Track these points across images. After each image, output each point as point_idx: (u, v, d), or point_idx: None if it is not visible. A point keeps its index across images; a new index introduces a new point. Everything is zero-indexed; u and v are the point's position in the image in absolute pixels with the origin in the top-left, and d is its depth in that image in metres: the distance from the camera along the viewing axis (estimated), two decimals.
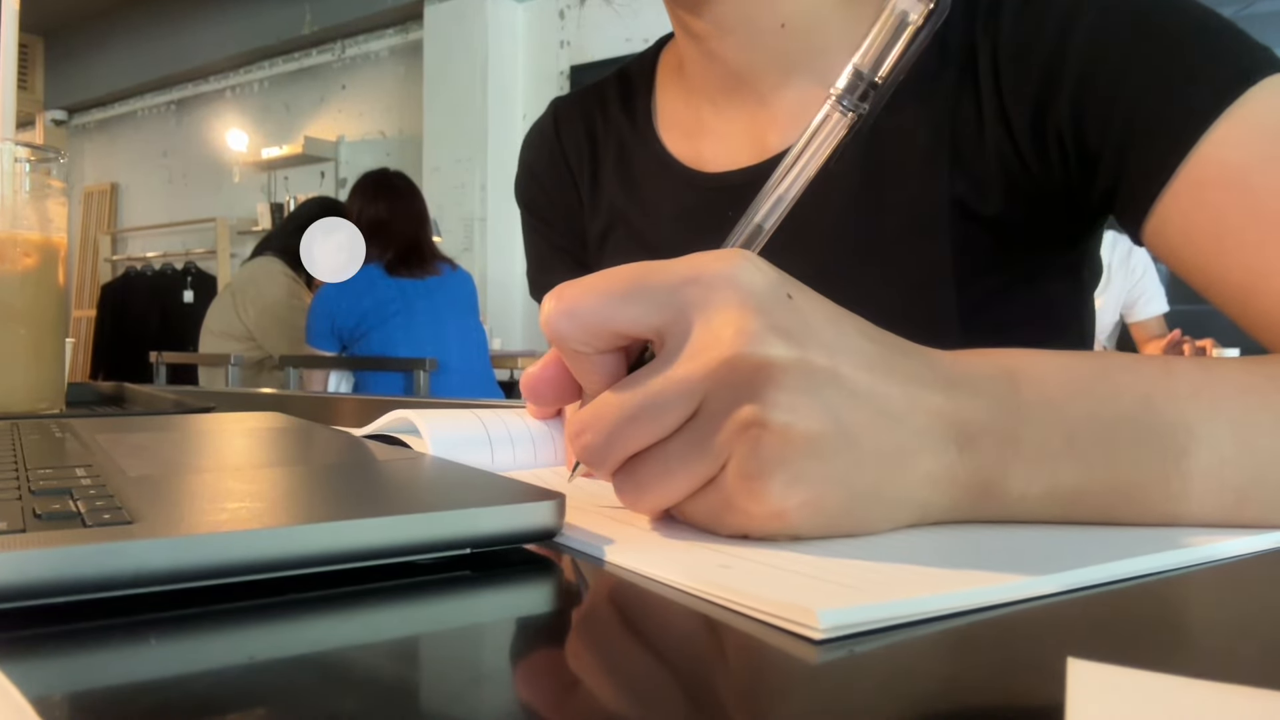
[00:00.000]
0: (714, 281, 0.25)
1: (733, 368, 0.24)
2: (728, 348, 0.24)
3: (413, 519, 0.23)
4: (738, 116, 0.59)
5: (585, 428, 0.27)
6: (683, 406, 0.25)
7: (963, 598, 0.21)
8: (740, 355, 0.24)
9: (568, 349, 0.27)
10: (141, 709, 0.15)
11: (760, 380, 0.24)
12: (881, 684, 0.17)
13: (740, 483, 0.25)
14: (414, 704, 0.16)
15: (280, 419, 0.48)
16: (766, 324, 0.25)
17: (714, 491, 0.26)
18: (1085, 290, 0.57)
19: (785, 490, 0.25)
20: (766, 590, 0.21)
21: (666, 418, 0.26)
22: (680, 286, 0.26)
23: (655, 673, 0.18)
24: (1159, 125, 0.42)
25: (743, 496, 0.25)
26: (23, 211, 0.58)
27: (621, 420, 0.26)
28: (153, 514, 0.22)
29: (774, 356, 0.24)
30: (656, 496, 0.27)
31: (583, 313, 0.26)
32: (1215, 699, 0.15)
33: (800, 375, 0.25)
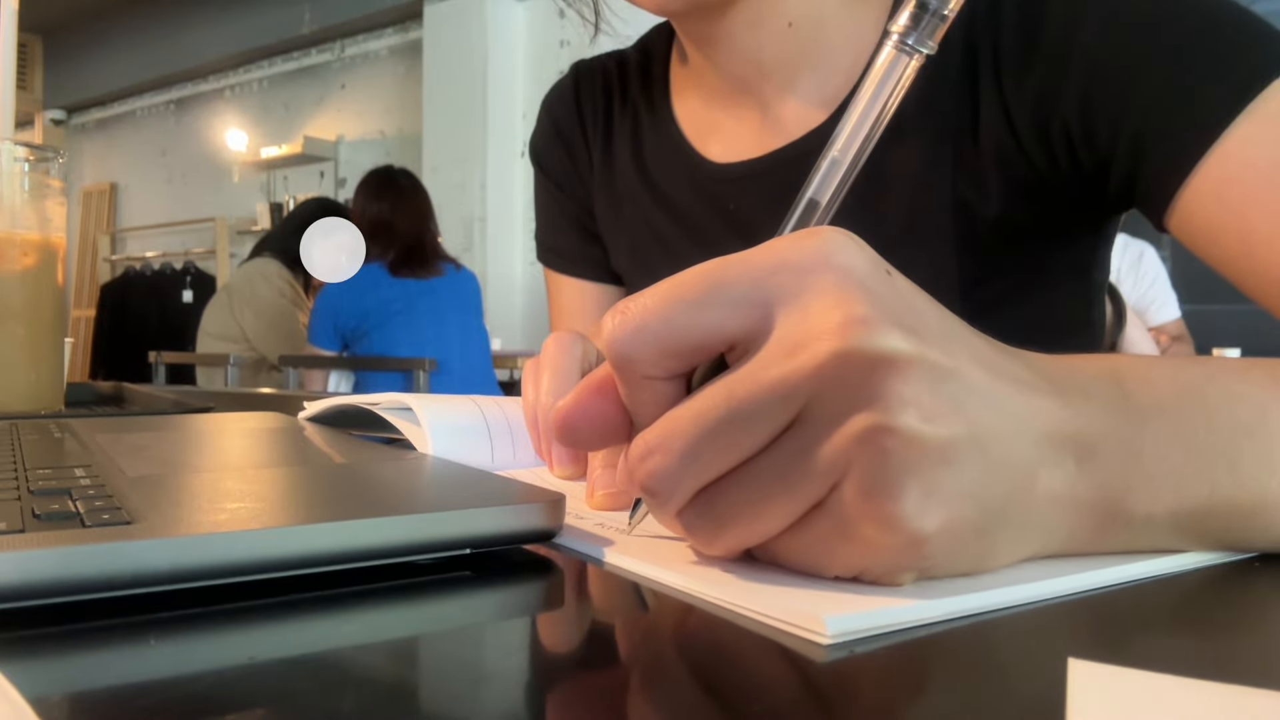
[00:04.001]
0: (807, 265, 0.21)
1: (844, 363, 0.20)
2: (835, 340, 0.20)
3: (413, 519, 0.23)
4: (744, 113, 0.59)
5: (653, 449, 0.22)
6: (779, 415, 0.21)
7: (966, 602, 0.21)
8: (852, 349, 0.20)
9: (633, 376, 0.22)
10: (141, 709, 0.15)
11: (879, 377, 0.20)
12: (884, 685, 0.17)
13: (863, 504, 0.20)
14: (414, 704, 0.16)
15: (280, 419, 0.48)
16: (877, 310, 0.20)
17: (821, 521, 0.21)
18: (1096, 292, 0.56)
19: (921, 509, 0.20)
20: (771, 595, 0.21)
21: (759, 430, 0.21)
22: (766, 278, 0.21)
23: (655, 674, 0.18)
24: (1178, 121, 0.42)
25: (867, 521, 0.20)
26: (21, 211, 0.58)
27: (701, 436, 0.21)
28: (152, 514, 0.22)
29: (891, 349, 0.20)
30: (742, 532, 0.22)
31: (656, 327, 0.22)
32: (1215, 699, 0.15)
33: (923, 370, 0.20)
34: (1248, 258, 0.41)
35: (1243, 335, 0.52)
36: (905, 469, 0.20)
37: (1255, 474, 0.25)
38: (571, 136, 0.70)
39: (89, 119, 6.16)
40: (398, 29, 4.39)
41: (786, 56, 0.55)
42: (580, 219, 0.71)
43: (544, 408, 0.37)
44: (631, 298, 0.22)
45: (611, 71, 0.69)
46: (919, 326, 0.21)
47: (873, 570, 0.22)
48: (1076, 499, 0.23)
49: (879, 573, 0.22)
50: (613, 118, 0.67)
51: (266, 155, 4.77)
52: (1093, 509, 0.23)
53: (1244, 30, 0.42)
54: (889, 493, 0.20)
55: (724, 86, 0.59)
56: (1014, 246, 0.51)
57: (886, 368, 0.20)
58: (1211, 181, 0.41)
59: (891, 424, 0.20)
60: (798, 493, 0.21)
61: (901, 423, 0.20)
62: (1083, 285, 0.55)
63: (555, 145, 0.71)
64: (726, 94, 0.59)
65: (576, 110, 0.69)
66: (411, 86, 4.17)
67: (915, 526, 0.20)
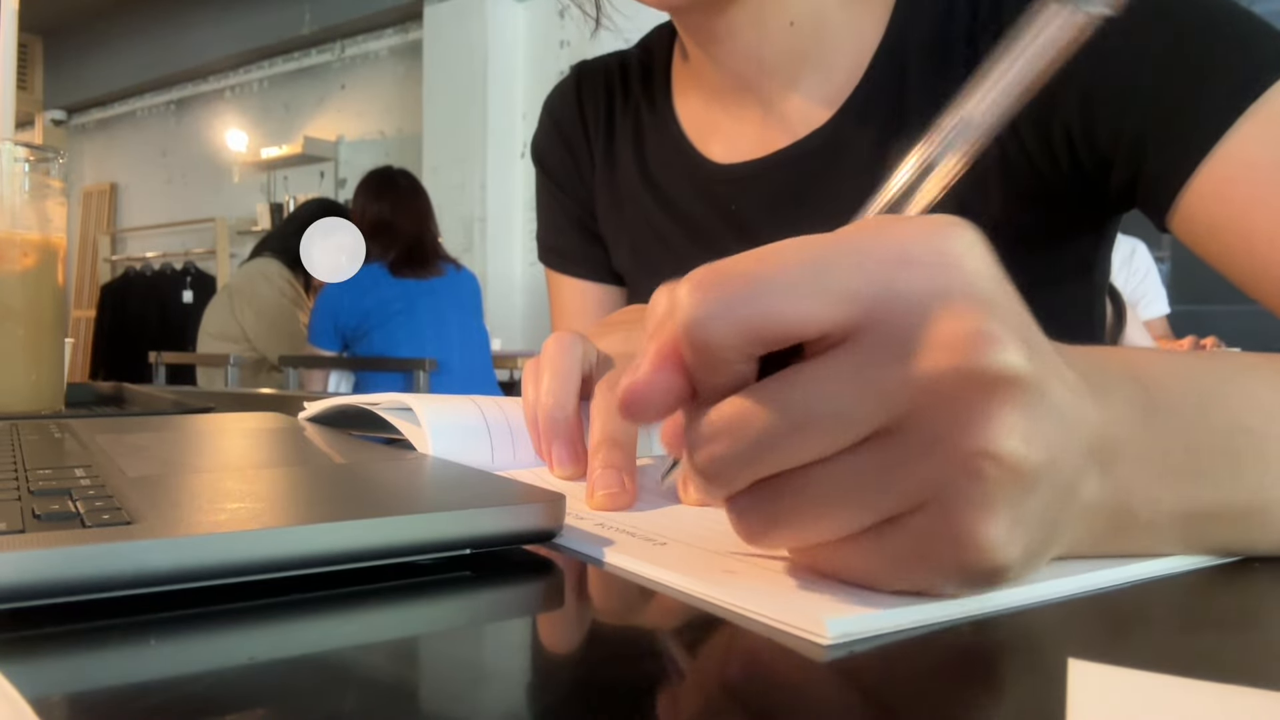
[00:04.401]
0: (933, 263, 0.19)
1: (964, 380, 0.18)
2: (959, 355, 0.18)
3: (413, 519, 0.23)
4: (745, 113, 0.59)
5: (721, 432, 0.20)
6: (872, 421, 0.19)
7: (967, 605, 0.21)
8: (976, 367, 0.18)
9: (712, 358, 0.20)
10: (141, 709, 0.15)
11: (996, 400, 0.19)
12: (884, 685, 0.17)
13: (948, 525, 0.19)
14: (414, 704, 0.16)
15: (280, 419, 0.48)
16: (1004, 326, 0.19)
17: (896, 537, 0.20)
18: (1097, 292, 0.56)
19: (1009, 538, 0.19)
20: (772, 596, 0.21)
21: (844, 432, 0.19)
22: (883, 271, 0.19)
23: (655, 675, 0.18)
24: (1180, 121, 0.42)
25: (952, 546, 0.19)
26: (22, 211, 0.58)
27: (778, 429, 0.19)
28: (152, 514, 0.22)
29: (1013, 370, 0.19)
30: (796, 533, 0.21)
31: (742, 312, 0.19)
32: (1215, 699, 0.15)
33: (1032, 393, 0.19)
34: (1249, 256, 0.41)
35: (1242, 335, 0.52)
36: (1001, 497, 0.19)
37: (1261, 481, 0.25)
38: (573, 136, 0.70)
39: (89, 119, 6.16)
40: (398, 29, 4.39)
41: (788, 55, 0.55)
42: (582, 219, 0.71)
43: (544, 408, 0.37)
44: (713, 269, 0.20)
45: (614, 72, 0.69)
46: (1033, 342, 0.20)
47: (935, 590, 0.21)
48: (1101, 507, 0.22)
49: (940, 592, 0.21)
50: (615, 118, 0.67)
51: (267, 155, 4.77)
52: (1105, 514, 0.23)
53: (1245, 30, 0.42)
54: (981, 519, 0.19)
55: (725, 86, 0.59)
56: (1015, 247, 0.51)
57: (1005, 390, 0.19)
58: (1214, 181, 0.41)
59: (998, 450, 0.19)
60: (872, 504, 0.20)
61: (1007, 449, 0.19)
62: (1084, 285, 0.55)
63: (557, 145, 0.71)
64: (728, 93, 0.59)
65: (579, 110, 0.69)
66: (411, 87, 4.18)
67: (1002, 557, 0.19)
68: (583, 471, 0.35)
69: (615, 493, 0.31)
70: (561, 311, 0.74)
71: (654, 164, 0.64)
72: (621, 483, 0.32)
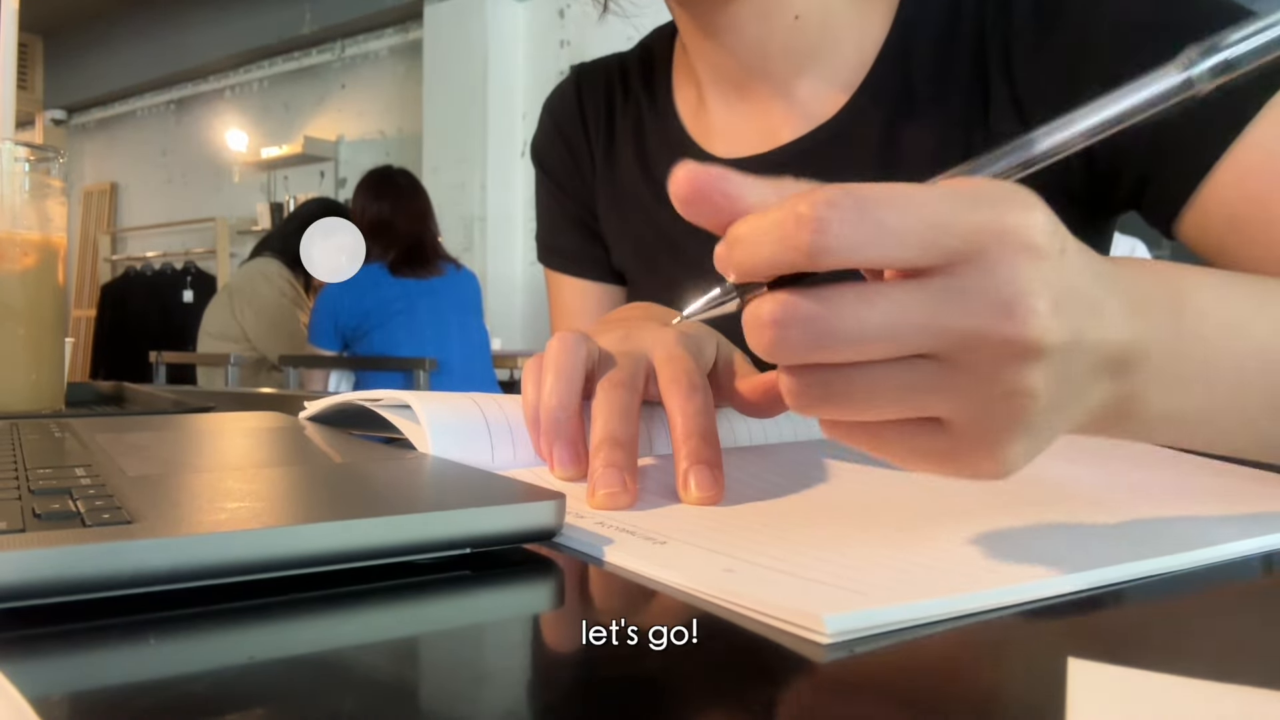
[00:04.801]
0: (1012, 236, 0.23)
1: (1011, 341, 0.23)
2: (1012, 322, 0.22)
3: (413, 519, 0.23)
4: (749, 109, 0.59)
5: (794, 320, 0.23)
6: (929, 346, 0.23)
7: (965, 601, 0.21)
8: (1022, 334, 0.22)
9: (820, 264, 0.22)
10: (141, 709, 0.15)
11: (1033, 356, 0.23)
12: (884, 684, 0.17)
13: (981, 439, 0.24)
14: (414, 704, 0.16)
15: (280, 419, 0.48)
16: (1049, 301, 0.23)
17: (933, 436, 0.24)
18: None
19: (1023, 449, 0.24)
20: (771, 594, 0.21)
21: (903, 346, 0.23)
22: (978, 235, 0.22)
23: (655, 674, 0.18)
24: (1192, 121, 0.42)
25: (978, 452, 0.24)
26: (22, 211, 0.58)
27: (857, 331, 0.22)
28: (152, 514, 0.22)
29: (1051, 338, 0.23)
30: (842, 412, 0.24)
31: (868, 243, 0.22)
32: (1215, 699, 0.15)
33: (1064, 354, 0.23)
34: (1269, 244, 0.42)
35: None
36: (1023, 424, 0.24)
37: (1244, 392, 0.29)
38: (573, 137, 0.70)
39: (89, 119, 6.16)
40: (398, 29, 4.39)
41: (793, 49, 0.55)
42: (582, 218, 0.71)
43: (547, 408, 0.36)
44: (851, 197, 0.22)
45: (613, 72, 0.69)
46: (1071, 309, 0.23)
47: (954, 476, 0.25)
48: (1104, 408, 0.27)
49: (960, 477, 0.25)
50: (615, 117, 0.67)
51: (267, 155, 4.77)
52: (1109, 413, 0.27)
53: None
54: (1006, 439, 0.24)
55: (729, 81, 0.59)
56: None
57: (1038, 352, 0.23)
58: (1233, 174, 0.42)
59: (1029, 391, 0.23)
60: (912, 408, 0.24)
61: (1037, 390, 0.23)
62: None
63: (557, 146, 0.71)
64: (731, 89, 0.59)
65: (579, 110, 0.69)
66: (412, 87, 4.18)
67: (1012, 463, 0.24)
68: (583, 472, 0.35)
69: (616, 492, 0.31)
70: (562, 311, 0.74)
71: (655, 161, 0.64)
72: (623, 482, 0.32)
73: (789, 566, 0.23)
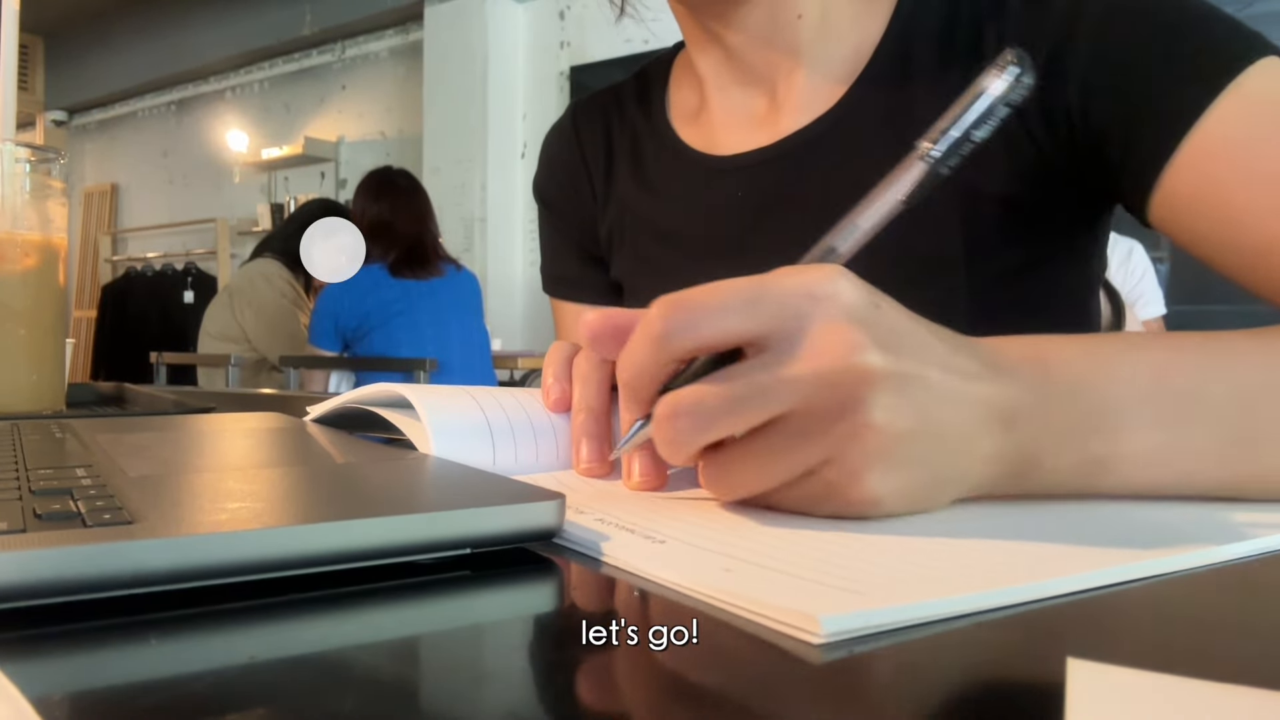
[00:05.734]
0: (822, 296, 0.28)
1: (843, 374, 0.27)
2: (840, 358, 0.27)
3: (413, 519, 0.23)
4: (750, 104, 0.60)
5: (682, 411, 0.28)
6: (788, 404, 0.27)
7: (964, 602, 0.21)
8: (850, 365, 0.27)
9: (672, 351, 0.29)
10: (141, 709, 0.15)
11: (865, 386, 0.27)
12: (882, 685, 0.17)
13: (843, 474, 0.28)
14: (414, 704, 0.16)
15: (280, 419, 0.48)
16: (869, 337, 0.27)
17: (812, 483, 0.29)
18: (1094, 281, 0.58)
19: (883, 478, 0.28)
20: (768, 594, 0.21)
21: (769, 411, 0.28)
22: (790, 297, 0.28)
23: (654, 673, 0.18)
24: (1162, 105, 0.44)
25: (845, 486, 0.28)
26: (23, 212, 0.58)
27: (726, 407, 0.28)
28: (153, 514, 0.22)
29: (877, 366, 0.27)
30: (751, 483, 0.29)
31: (701, 324, 0.28)
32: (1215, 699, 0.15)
33: (896, 380, 0.27)
34: (1227, 228, 0.43)
35: None
36: (875, 451, 0.28)
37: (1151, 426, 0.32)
38: (573, 169, 0.71)
39: (90, 120, 6.16)
40: (398, 30, 4.39)
41: (795, 46, 0.57)
42: (583, 245, 0.72)
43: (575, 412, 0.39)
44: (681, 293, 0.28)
45: (609, 102, 0.70)
46: (897, 346, 0.28)
47: (846, 515, 0.29)
48: (1003, 457, 0.30)
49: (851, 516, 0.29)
50: (612, 142, 0.69)
51: (267, 156, 4.77)
52: (1013, 463, 0.31)
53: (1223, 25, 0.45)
54: (864, 468, 0.28)
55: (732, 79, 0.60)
56: (1015, 227, 0.53)
57: (870, 379, 0.27)
58: (1195, 157, 0.44)
59: (871, 421, 0.27)
60: (796, 464, 0.28)
61: (877, 419, 0.27)
62: (1080, 273, 0.56)
63: (557, 183, 0.73)
64: (733, 86, 0.60)
65: (576, 144, 0.71)
66: (412, 88, 4.18)
67: (877, 490, 0.28)
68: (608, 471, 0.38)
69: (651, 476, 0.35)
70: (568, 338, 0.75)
71: (652, 171, 0.65)
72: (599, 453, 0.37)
73: (787, 566, 0.23)
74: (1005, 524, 0.29)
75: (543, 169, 0.75)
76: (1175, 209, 0.45)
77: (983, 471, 0.30)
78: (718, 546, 0.26)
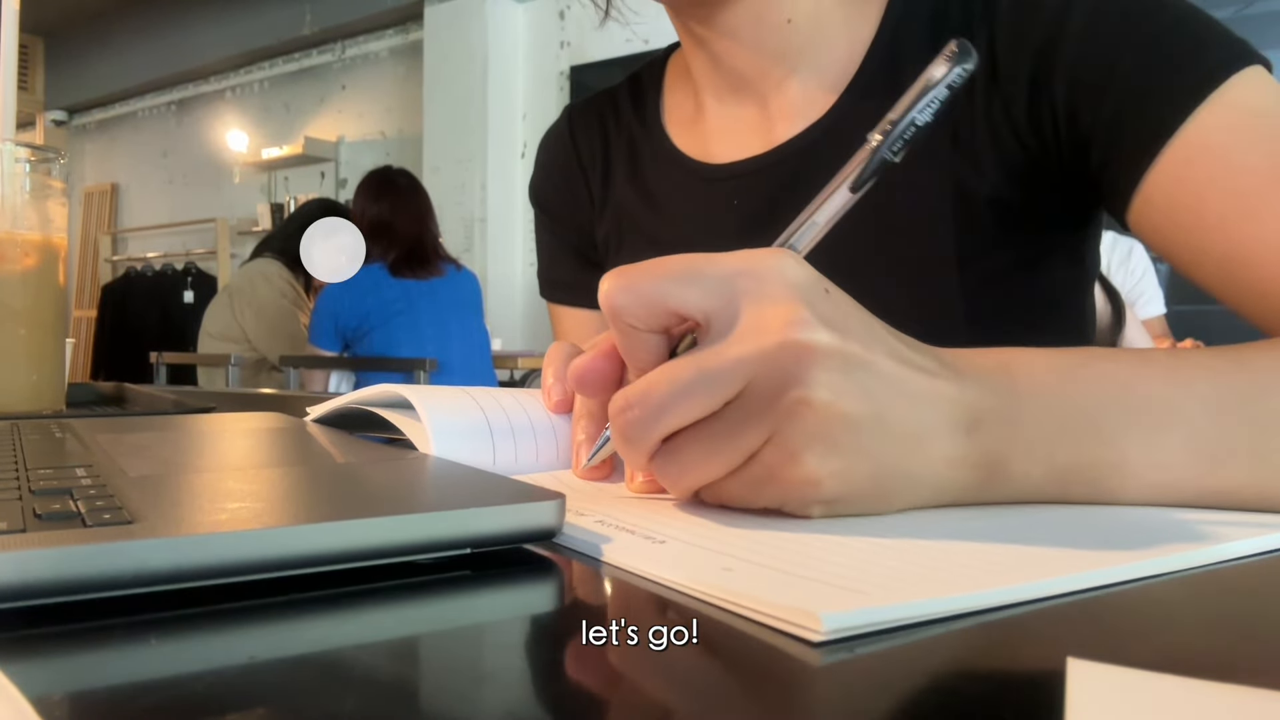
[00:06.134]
0: (764, 274, 0.27)
1: (782, 350, 0.26)
2: (779, 333, 0.26)
3: (413, 519, 0.23)
4: (743, 112, 0.60)
5: (633, 403, 0.28)
6: (734, 384, 0.27)
7: (964, 601, 0.21)
8: (791, 340, 0.26)
9: (623, 323, 0.29)
10: (141, 709, 0.15)
11: (806, 363, 0.26)
12: (882, 684, 0.17)
13: (782, 454, 0.27)
14: (414, 704, 0.16)
15: (280, 419, 0.48)
16: (813, 314, 0.27)
17: (754, 466, 0.28)
18: (1088, 278, 0.58)
19: (822, 460, 0.27)
20: (768, 593, 0.21)
21: (717, 394, 0.27)
22: (733, 276, 0.27)
23: (654, 672, 0.18)
24: (1145, 109, 0.45)
25: (783, 466, 0.27)
26: (23, 212, 0.58)
27: (673, 394, 0.27)
28: (153, 514, 0.22)
29: (820, 342, 0.26)
30: (699, 473, 0.29)
31: (642, 289, 0.28)
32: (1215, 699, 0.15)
33: (841, 360, 0.27)
34: (1199, 235, 0.43)
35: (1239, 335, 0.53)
36: (815, 431, 0.27)
37: (1118, 435, 0.31)
38: (569, 172, 0.71)
39: (90, 120, 6.16)
40: (398, 30, 4.39)
41: (785, 52, 0.56)
42: (580, 249, 0.72)
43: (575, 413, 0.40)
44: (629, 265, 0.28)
45: (605, 105, 0.70)
46: (843, 328, 0.27)
47: (789, 503, 0.28)
48: (966, 460, 0.30)
49: (794, 505, 0.28)
50: (609, 146, 0.69)
51: (267, 156, 4.77)
52: (978, 468, 0.30)
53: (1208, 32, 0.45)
54: (802, 446, 0.27)
55: (725, 85, 0.60)
56: (1006, 227, 0.53)
57: (812, 356, 0.26)
58: (1173, 165, 0.44)
59: (810, 397, 0.26)
60: (740, 444, 0.28)
61: (817, 396, 0.26)
62: (1073, 272, 0.56)
63: (553, 180, 0.73)
64: (727, 93, 0.60)
65: (573, 147, 0.71)
66: (412, 87, 4.18)
67: (815, 470, 0.27)
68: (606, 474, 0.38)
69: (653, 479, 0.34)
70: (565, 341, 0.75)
71: (648, 177, 0.65)
72: None
73: (787, 566, 0.23)
74: (1005, 525, 0.29)
75: (539, 173, 0.75)
76: (1152, 215, 0.45)
77: (946, 475, 0.30)
78: (718, 546, 0.26)
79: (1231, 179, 0.42)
